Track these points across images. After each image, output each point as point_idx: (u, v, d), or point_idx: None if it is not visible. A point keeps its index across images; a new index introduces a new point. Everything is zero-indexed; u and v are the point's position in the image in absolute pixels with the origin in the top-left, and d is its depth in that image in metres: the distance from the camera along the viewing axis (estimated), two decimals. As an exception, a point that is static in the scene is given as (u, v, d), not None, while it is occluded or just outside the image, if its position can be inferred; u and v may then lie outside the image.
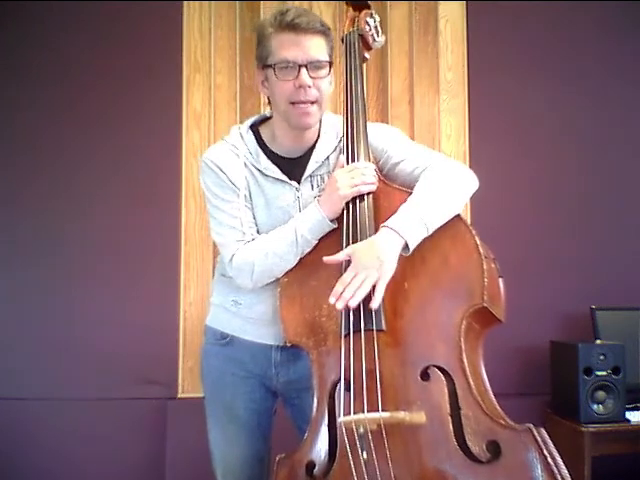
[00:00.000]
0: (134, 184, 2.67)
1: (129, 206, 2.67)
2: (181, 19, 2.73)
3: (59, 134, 2.68)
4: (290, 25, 1.41)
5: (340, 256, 1.36)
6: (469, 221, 2.65)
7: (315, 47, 1.43)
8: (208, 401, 1.65)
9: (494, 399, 1.31)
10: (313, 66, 1.42)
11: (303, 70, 1.42)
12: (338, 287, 1.32)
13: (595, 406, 2.41)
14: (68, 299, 2.62)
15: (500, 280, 1.39)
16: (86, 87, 2.69)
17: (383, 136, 1.56)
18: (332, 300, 1.32)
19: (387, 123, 2.62)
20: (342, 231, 1.43)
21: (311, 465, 1.35)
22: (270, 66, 1.44)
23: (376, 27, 1.66)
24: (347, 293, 1.31)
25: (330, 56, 1.47)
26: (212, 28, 2.74)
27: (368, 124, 1.55)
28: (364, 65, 1.67)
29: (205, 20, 2.74)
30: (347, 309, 1.33)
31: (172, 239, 2.66)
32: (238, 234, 1.49)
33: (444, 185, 1.40)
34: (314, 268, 1.45)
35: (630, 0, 2.84)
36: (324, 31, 1.45)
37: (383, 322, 1.33)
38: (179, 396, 2.62)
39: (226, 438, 1.60)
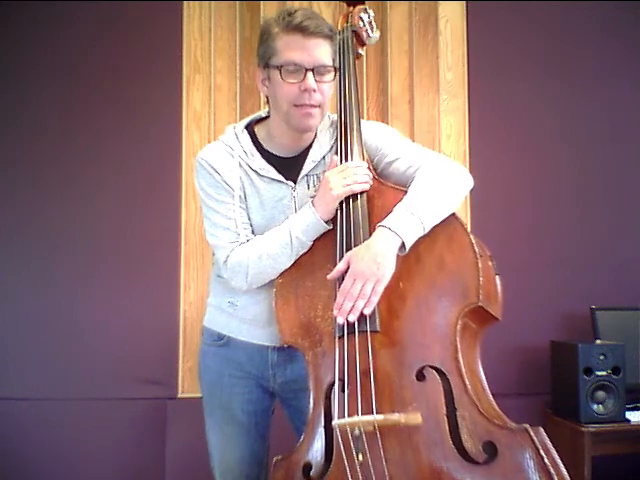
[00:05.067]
0: (134, 184, 2.67)
1: (129, 206, 2.66)
2: (181, 19, 2.73)
3: (59, 134, 2.67)
4: (298, 27, 1.39)
5: (341, 266, 1.35)
6: (469, 220, 2.70)
7: (322, 52, 1.42)
8: (206, 402, 1.65)
9: (492, 399, 1.30)
10: (319, 71, 1.42)
11: (309, 74, 1.40)
12: (339, 298, 1.32)
13: (595, 406, 2.41)
14: (68, 299, 2.62)
15: (497, 278, 1.37)
16: (86, 87, 2.68)
17: (377, 134, 1.55)
18: (335, 312, 1.32)
19: (387, 123, 2.62)
20: (336, 231, 1.42)
21: (308, 467, 1.34)
22: (275, 67, 1.42)
23: (370, 22, 1.65)
24: (346, 305, 1.31)
25: (334, 60, 1.46)
26: (212, 28, 2.74)
27: (362, 122, 1.54)
28: (363, 62, 1.65)
29: (205, 20, 2.74)
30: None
31: (172, 239, 2.65)
32: (232, 235, 1.48)
33: (439, 183, 1.40)
34: (309, 269, 1.45)
35: (630, 0, 2.84)
36: (331, 36, 1.44)
37: (377, 323, 1.33)
38: (179, 396, 2.62)
39: (224, 439, 1.60)
